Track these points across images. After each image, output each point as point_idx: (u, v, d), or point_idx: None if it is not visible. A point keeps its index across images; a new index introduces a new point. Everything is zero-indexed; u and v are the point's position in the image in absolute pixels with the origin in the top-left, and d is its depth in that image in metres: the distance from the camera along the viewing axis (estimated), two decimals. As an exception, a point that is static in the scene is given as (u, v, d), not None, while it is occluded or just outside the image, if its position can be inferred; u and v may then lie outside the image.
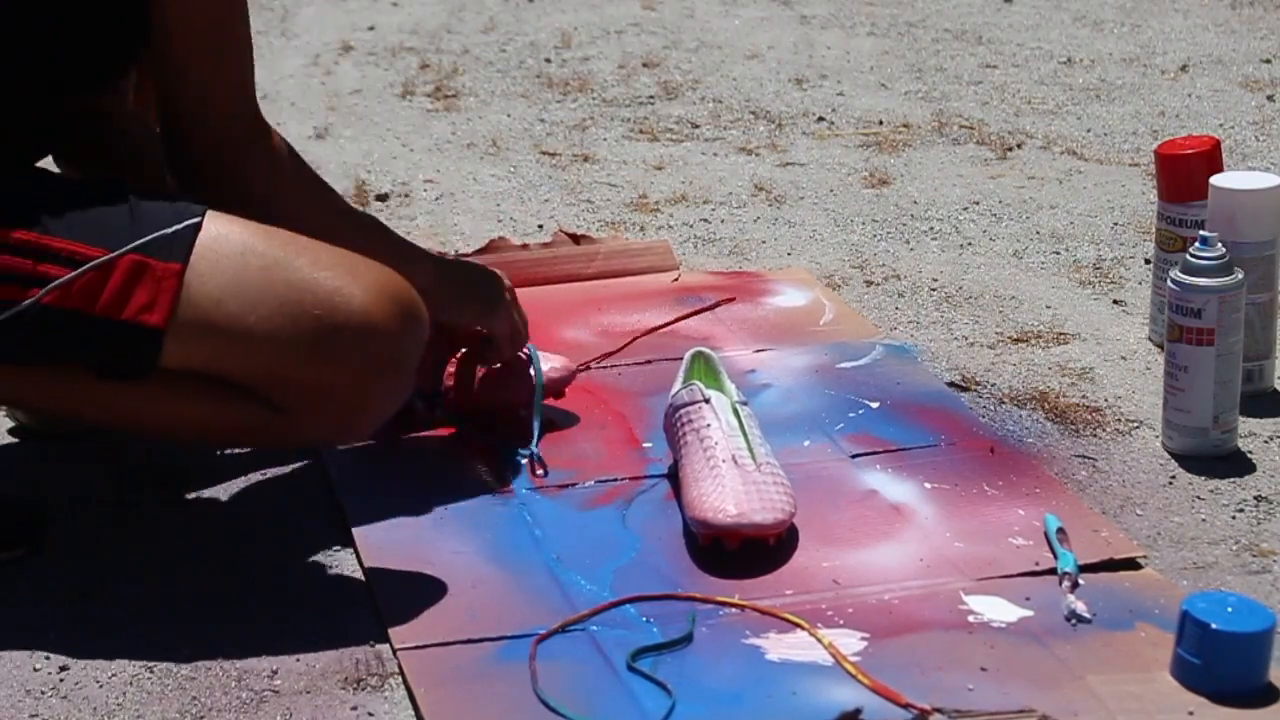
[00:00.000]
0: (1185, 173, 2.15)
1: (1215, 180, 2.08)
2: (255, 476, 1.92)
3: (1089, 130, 3.10)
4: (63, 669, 1.58)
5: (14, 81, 1.68)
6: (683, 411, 1.83)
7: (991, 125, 3.13)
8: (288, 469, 1.93)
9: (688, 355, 1.93)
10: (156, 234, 1.62)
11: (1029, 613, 1.63)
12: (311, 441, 1.86)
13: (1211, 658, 1.49)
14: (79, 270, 1.59)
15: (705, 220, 2.69)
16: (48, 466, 1.93)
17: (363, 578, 1.71)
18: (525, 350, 1.99)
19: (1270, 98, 3.26)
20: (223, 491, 1.89)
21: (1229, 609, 1.51)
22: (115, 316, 1.59)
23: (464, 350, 1.99)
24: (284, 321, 1.61)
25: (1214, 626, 1.49)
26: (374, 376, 1.65)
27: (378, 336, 1.64)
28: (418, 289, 1.73)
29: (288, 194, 1.77)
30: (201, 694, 1.54)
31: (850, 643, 1.58)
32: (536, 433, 1.94)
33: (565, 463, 1.93)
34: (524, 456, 1.92)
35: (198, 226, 1.63)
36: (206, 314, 1.61)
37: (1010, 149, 3.00)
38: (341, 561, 1.75)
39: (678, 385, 1.88)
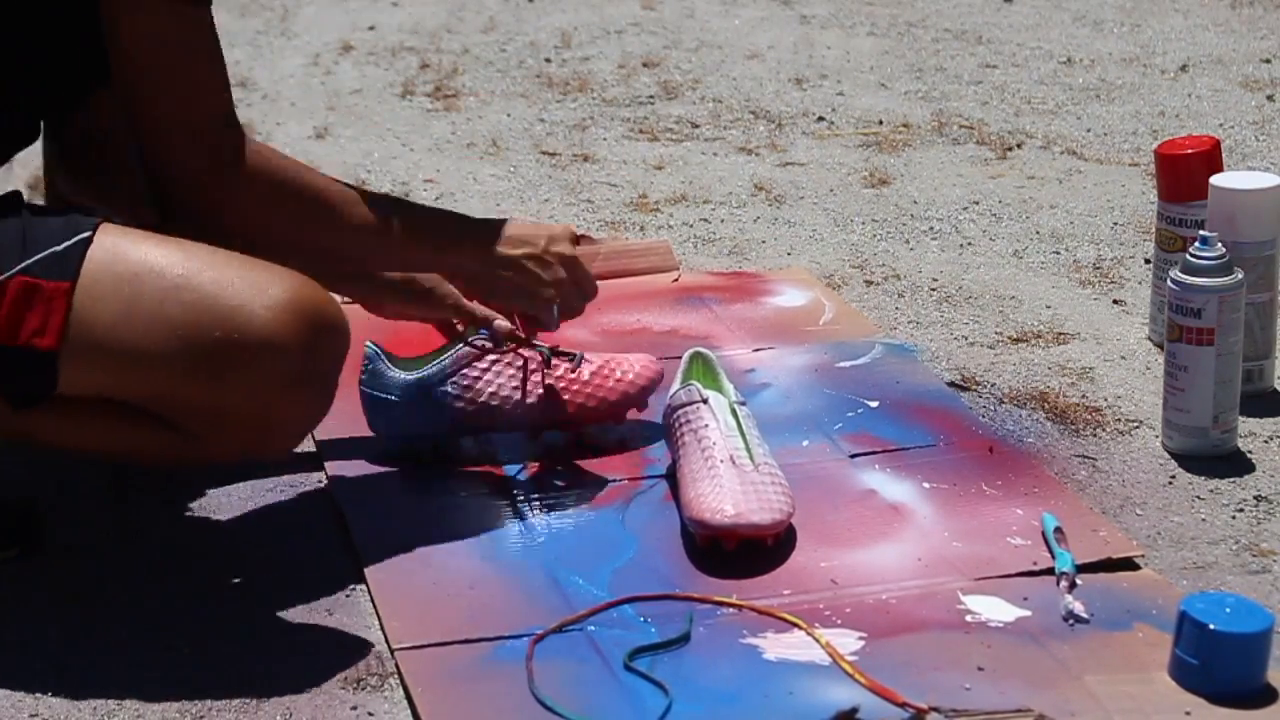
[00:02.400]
0: (1185, 173, 2.15)
1: (1215, 180, 2.08)
2: (255, 477, 1.92)
3: (1089, 130, 3.10)
4: (62, 669, 1.58)
5: None
6: (681, 412, 1.83)
7: (991, 125, 3.13)
8: (288, 471, 1.93)
9: (686, 355, 1.93)
10: (45, 252, 1.56)
11: (1026, 613, 1.63)
12: (222, 460, 1.76)
13: (1210, 658, 1.49)
14: None
15: (705, 220, 2.69)
16: (47, 467, 1.93)
17: (361, 578, 1.71)
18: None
19: (1270, 98, 3.26)
20: (222, 492, 1.89)
21: (1227, 609, 1.51)
22: (9, 342, 1.55)
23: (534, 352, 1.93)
24: (179, 344, 1.55)
25: (1212, 627, 1.49)
26: (280, 396, 1.59)
27: (280, 354, 1.57)
28: (465, 275, 1.70)
29: (284, 220, 1.71)
30: (201, 694, 1.54)
31: (848, 642, 1.58)
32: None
33: (564, 463, 1.93)
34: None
35: (87, 242, 1.57)
36: (98, 337, 1.56)
37: (1010, 149, 3.00)
38: (340, 562, 1.75)
39: (676, 385, 1.88)
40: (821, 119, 3.18)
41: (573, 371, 1.93)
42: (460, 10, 3.97)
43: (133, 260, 1.58)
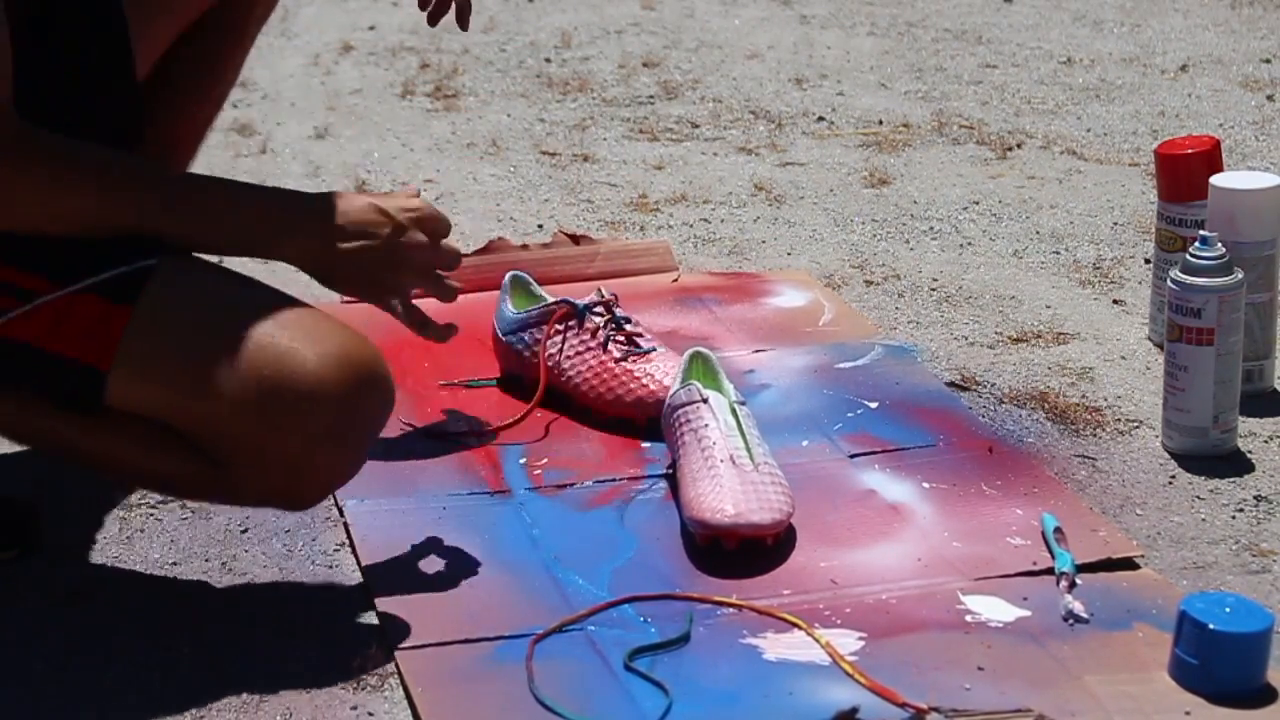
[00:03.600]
0: (1185, 173, 2.15)
1: (1215, 180, 2.08)
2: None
3: (1089, 130, 3.10)
4: (63, 669, 1.58)
5: None
6: (681, 411, 1.83)
7: (991, 125, 3.13)
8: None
9: (685, 355, 1.93)
10: (112, 272, 1.58)
11: (1026, 612, 1.63)
12: (249, 502, 1.72)
13: (1209, 658, 1.49)
14: (33, 304, 1.57)
15: (705, 220, 2.69)
16: (47, 466, 1.93)
17: (361, 577, 1.71)
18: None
19: (1270, 98, 3.26)
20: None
21: (1227, 609, 1.51)
22: (65, 353, 1.57)
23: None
24: (230, 378, 1.55)
25: (1212, 627, 1.49)
26: (318, 445, 1.57)
27: (326, 403, 1.55)
28: (304, 267, 1.62)
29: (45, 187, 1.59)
30: (201, 694, 1.54)
31: (848, 642, 1.58)
32: None
33: (564, 462, 1.93)
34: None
35: (152, 268, 1.58)
36: (151, 360, 1.57)
37: (1010, 149, 3.00)
38: (340, 561, 1.75)
39: (676, 385, 1.88)
40: (821, 119, 3.18)
41: (636, 360, 2.00)
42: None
43: (194, 287, 1.60)
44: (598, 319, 2.03)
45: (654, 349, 2.02)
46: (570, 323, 2.05)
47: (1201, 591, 1.61)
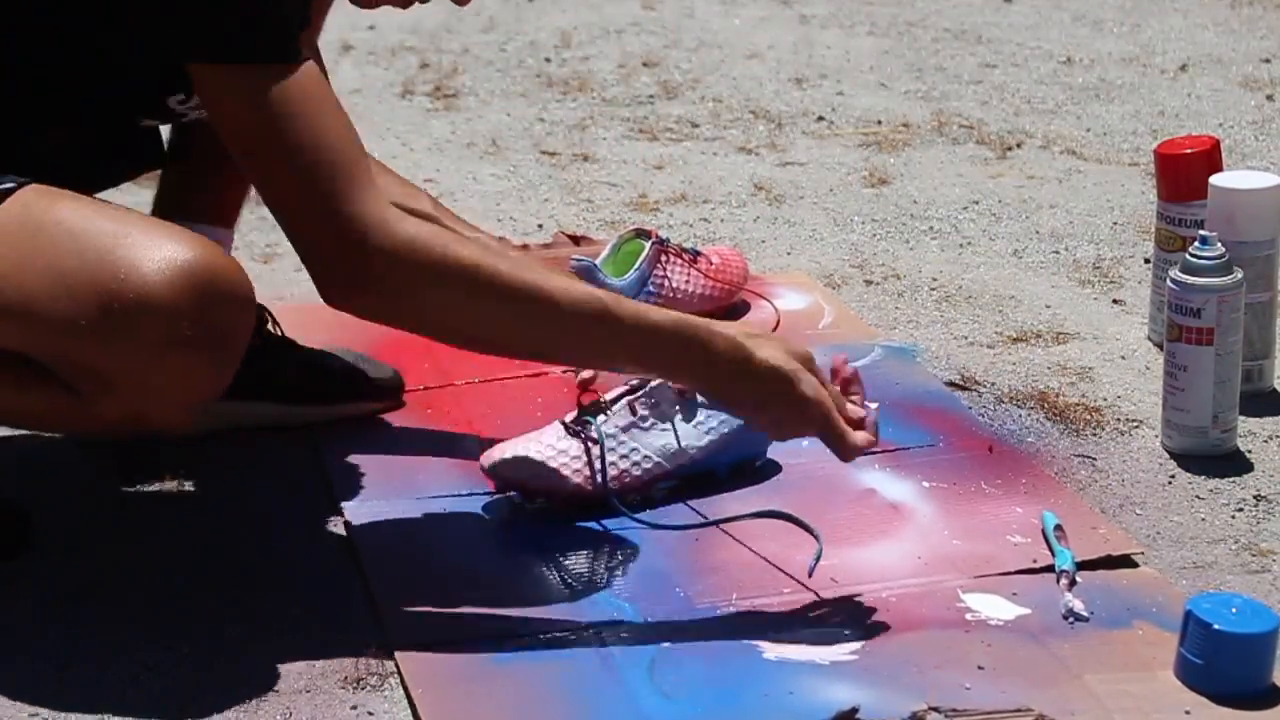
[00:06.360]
0: (1185, 172, 2.15)
1: (1215, 180, 2.08)
2: (255, 476, 1.92)
3: (1089, 130, 3.10)
4: (62, 669, 1.58)
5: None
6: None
7: (991, 125, 3.13)
8: (288, 470, 1.93)
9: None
10: None
11: (1026, 611, 1.63)
12: (115, 427, 1.66)
13: (1214, 658, 1.49)
14: None
15: (705, 220, 2.69)
16: (47, 466, 1.93)
17: (361, 578, 1.71)
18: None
19: (1270, 97, 3.26)
20: (222, 491, 1.89)
21: (1233, 610, 1.51)
22: None
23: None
24: (65, 298, 1.50)
25: (1217, 627, 1.49)
26: (158, 359, 1.51)
27: (160, 316, 1.49)
28: (705, 389, 1.62)
29: (469, 322, 1.57)
30: (201, 694, 1.54)
31: (848, 641, 1.58)
32: None
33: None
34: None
35: (6, 193, 1.55)
36: None
37: (1010, 149, 3.00)
38: (340, 561, 1.75)
39: None
40: (821, 119, 3.18)
41: (694, 262, 2.23)
42: (460, 10, 3.97)
43: (42, 214, 1.54)
44: None
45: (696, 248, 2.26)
46: (658, 263, 2.20)
47: (1208, 591, 1.61)
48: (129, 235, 1.52)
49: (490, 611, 1.64)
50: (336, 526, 1.81)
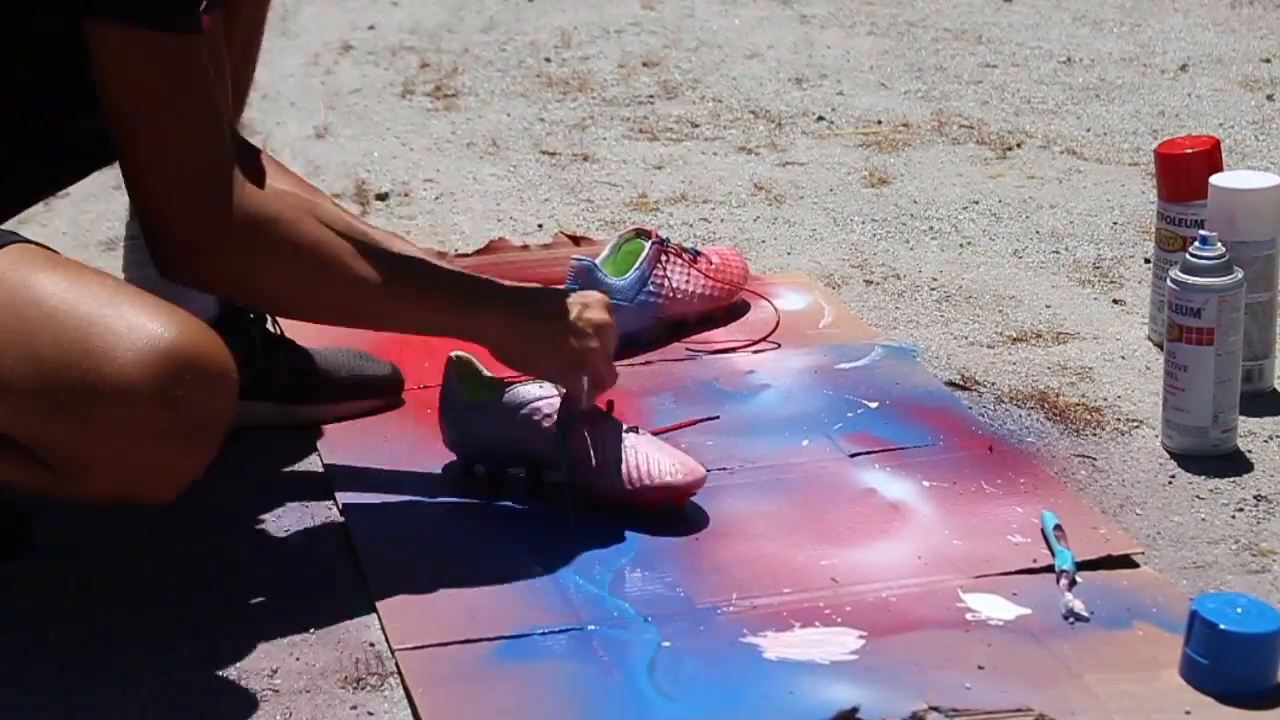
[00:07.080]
0: (1185, 172, 2.15)
1: (1215, 180, 2.08)
2: (255, 476, 1.92)
3: (1089, 130, 3.10)
4: (62, 669, 1.58)
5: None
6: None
7: (991, 125, 3.13)
8: (288, 470, 1.93)
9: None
10: None
11: (1027, 611, 1.63)
12: (97, 501, 1.61)
13: (1219, 658, 1.49)
14: None
15: (705, 220, 2.69)
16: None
17: (362, 578, 1.71)
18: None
19: (1270, 97, 3.26)
20: (222, 491, 1.89)
21: (1239, 610, 1.51)
22: None
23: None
24: (41, 382, 1.45)
25: (1222, 627, 1.49)
26: (137, 446, 1.46)
27: (137, 404, 1.44)
28: (490, 343, 1.69)
29: (282, 277, 1.62)
30: (201, 694, 1.54)
31: (848, 641, 1.58)
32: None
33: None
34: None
35: None
36: None
37: (1010, 148, 3.00)
38: (340, 561, 1.75)
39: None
40: (821, 119, 3.18)
41: (694, 261, 2.23)
42: (460, 10, 3.97)
43: (20, 286, 1.49)
44: None
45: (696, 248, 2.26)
46: (658, 263, 2.20)
47: (1210, 591, 1.61)
48: (104, 318, 1.47)
49: (490, 611, 1.64)
50: (336, 526, 1.81)
